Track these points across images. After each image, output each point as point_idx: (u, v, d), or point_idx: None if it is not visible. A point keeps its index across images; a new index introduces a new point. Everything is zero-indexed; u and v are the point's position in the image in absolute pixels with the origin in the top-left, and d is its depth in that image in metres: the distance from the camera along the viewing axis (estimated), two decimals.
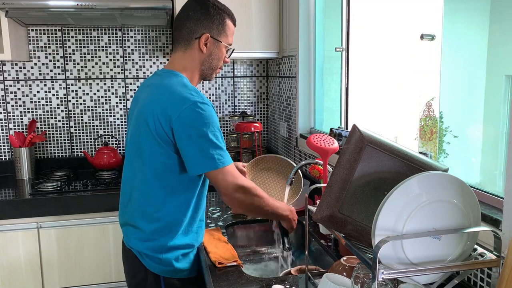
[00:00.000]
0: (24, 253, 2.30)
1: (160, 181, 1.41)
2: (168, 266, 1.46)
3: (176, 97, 1.35)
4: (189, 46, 1.47)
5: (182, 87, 1.39)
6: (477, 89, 1.60)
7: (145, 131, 1.39)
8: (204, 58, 1.48)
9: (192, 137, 1.33)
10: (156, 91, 1.41)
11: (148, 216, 1.44)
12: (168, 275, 1.46)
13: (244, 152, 2.85)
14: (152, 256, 1.45)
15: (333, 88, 2.33)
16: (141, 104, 1.44)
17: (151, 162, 1.40)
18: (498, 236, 0.91)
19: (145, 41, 2.88)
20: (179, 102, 1.34)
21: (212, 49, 1.48)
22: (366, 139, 0.97)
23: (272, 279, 1.39)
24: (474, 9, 1.65)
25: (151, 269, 1.46)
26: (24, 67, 2.76)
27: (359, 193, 0.97)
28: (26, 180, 2.65)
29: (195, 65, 1.49)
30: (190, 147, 1.34)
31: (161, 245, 1.44)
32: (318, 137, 1.72)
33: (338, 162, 1.00)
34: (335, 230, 1.05)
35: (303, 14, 2.34)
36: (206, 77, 1.53)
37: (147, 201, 1.44)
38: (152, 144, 1.37)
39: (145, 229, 1.45)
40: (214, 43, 1.48)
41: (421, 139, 1.95)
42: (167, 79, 1.44)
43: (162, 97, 1.37)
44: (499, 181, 1.39)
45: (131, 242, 1.49)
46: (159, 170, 1.40)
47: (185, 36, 1.46)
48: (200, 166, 1.35)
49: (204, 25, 1.45)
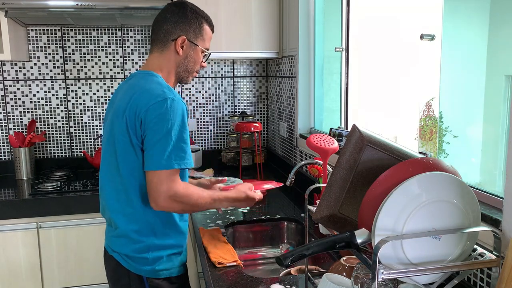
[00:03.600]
0: (24, 253, 2.30)
1: (137, 180, 1.38)
2: (151, 266, 1.43)
3: (148, 93, 1.36)
4: (165, 47, 1.48)
5: (155, 84, 1.40)
6: (477, 89, 1.60)
7: (119, 129, 1.37)
8: (180, 60, 1.49)
9: (155, 132, 1.32)
10: (131, 90, 1.41)
11: (129, 216, 1.41)
12: (152, 275, 1.43)
13: (244, 152, 2.85)
14: (134, 257, 1.42)
15: (333, 88, 2.33)
16: (116, 104, 1.43)
17: (125, 161, 1.38)
18: (498, 236, 0.91)
19: (145, 41, 2.88)
20: (150, 97, 1.34)
21: (188, 52, 1.49)
22: (366, 139, 0.97)
23: (272, 279, 1.39)
24: (474, 9, 1.65)
25: (134, 270, 1.42)
26: (24, 67, 2.76)
27: (359, 193, 0.97)
28: (26, 180, 2.64)
29: (171, 67, 1.49)
30: (151, 142, 1.33)
31: (144, 245, 1.41)
32: (318, 137, 1.72)
33: (338, 162, 1.00)
34: (335, 230, 1.05)
35: (303, 14, 2.34)
36: (182, 80, 1.54)
37: (125, 201, 1.41)
38: (126, 142, 1.36)
39: (126, 230, 1.42)
40: (191, 46, 1.49)
41: (421, 139, 1.95)
42: (142, 79, 1.44)
43: (135, 94, 1.37)
44: (499, 181, 1.39)
45: (112, 245, 1.46)
46: (133, 169, 1.37)
47: (162, 38, 1.48)
48: (153, 163, 1.32)
49: (181, 27, 1.47)
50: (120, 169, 1.39)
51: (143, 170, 1.36)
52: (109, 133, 1.44)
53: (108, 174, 1.45)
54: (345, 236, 0.90)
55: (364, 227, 0.91)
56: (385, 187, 0.88)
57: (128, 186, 1.39)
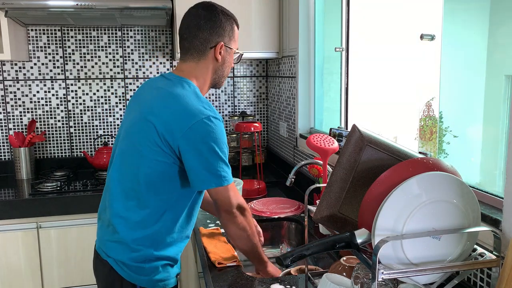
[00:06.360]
0: (23, 253, 2.30)
1: (155, 190, 1.35)
2: (147, 276, 1.39)
3: (189, 109, 1.31)
4: (203, 56, 1.44)
5: (195, 98, 1.35)
6: (477, 89, 1.60)
7: (150, 136, 1.32)
8: (218, 67, 1.47)
9: (201, 151, 1.29)
10: (168, 98, 1.35)
11: (132, 223, 1.37)
12: (147, 285, 1.40)
13: (244, 152, 2.85)
14: (130, 266, 1.38)
15: (333, 88, 2.33)
16: (148, 107, 1.37)
17: (149, 170, 1.33)
18: (498, 236, 0.91)
19: (145, 41, 2.88)
20: (192, 114, 1.30)
21: (225, 56, 1.47)
22: (366, 139, 0.97)
23: (272, 279, 1.39)
24: (474, 9, 1.65)
25: (128, 278, 1.38)
26: (24, 67, 2.76)
27: (359, 193, 0.97)
28: (26, 180, 2.64)
29: (208, 75, 1.46)
30: (197, 162, 1.30)
31: (141, 255, 1.38)
32: (318, 137, 1.72)
33: (338, 162, 1.00)
34: (335, 230, 1.05)
35: (303, 14, 2.34)
36: (217, 85, 1.51)
37: (133, 208, 1.37)
38: (156, 151, 1.32)
39: (126, 237, 1.37)
40: (227, 50, 1.47)
41: (421, 139, 1.95)
42: (179, 86, 1.38)
43: (175, 106, 1.32)
44: (499, 181, 1.38)
45: (108, 250, 1.41)
46: (155, 179, 1.34)
47: (199, 46, 1.43)
48: (206, 182, 1.32)
49: (217, 33, 1.43)
50: (141, 177, 1.34)
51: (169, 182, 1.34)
52: (132, 136, 1.38)
53: (120, 177, 1.40)
54: (345, 236, 0.90)
55: (364, 227, 0.91)
56: (385, 187, 0.88)
57: (145, 196, 1.35)
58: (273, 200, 2.15)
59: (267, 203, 2.09)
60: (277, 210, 1.99)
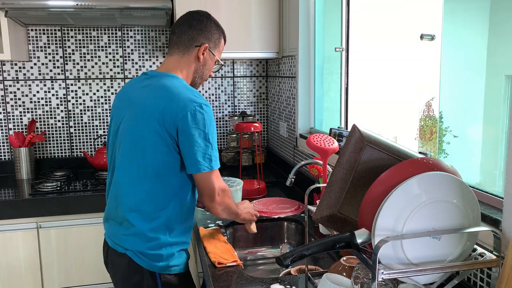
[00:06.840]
0: (23, 253, 2.30)
1: (161, 179, 1.44)
2: (165, 262, 1.47)
3: (181, 98, 1.41)
4: (187, 52, 1.55)
5: (185, 88, 1.46)
6: (477, 89, 1.60)
7: (151, 128, 1.41)
8: (198, 67, 1.57)
9: (194, 137, 1.40)
10: (160, 90, 1.45)
11: (147, 214, 1.45)
12: (164, 271, 1.48)
13: (244, 152, 2.85)
14: (148, 254, 1.46)
15: (333, 88, 2.33)
16: (142, 104, 1.45)
17: (154, 161, 1.43)
18: (498, 236, 0.91)
19: (145, 41, 2.88)
20: (185, 103, 1.40)
21: (207, 59, 1.58)
22: (366, 139, 0.97)
23: (272, 279, 1.39)
24: (474, 9, 1.65)
25: (147, 267, 1.46)
26: (24, 67, 2.76)
27: (359, 193, 0.97)
28: (26, 180, 2.64)
29: (190, 70, 1.57)
30: (192, 147, 1.40)
31: (158, 243, 1.46)
32: (318, 137, 1.72)
33: (338, 162, 1.00)
34: (335, 230, 1.05)
35: (303, 14, 2.34)
36: (195, 85, 1.62)
37: (145, 199, 1.45)
38: (158, 142, 1.41)
39: (142, 228, 1.45)
40: (209, 54, 1.58)
41: (421, 139, 1.95)
42: (167, 80, 1.48)
43: (168, 96, 1.42)
44: (499, 181, 1.38)
45: (124, 243, 1.48)
46: (161, 168, 1.44)
47: (185, 42, 1.54)
48: (199, 165, 1.42)
49: (205, 36, 1.56)
50: (148, 169, 1.43)
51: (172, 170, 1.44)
52: (132, 133, 1.47)
53: (128, 175, 1.48)
54: (345, 236, 0.90)
55: (364, 227, 0.91)
56: (385, 187, 0.88)
57: (154, 187, 1.44)
58: (273, 200, 2.15)
59: (267, 203, 2.09)
60: (277, 210, 1.99)
